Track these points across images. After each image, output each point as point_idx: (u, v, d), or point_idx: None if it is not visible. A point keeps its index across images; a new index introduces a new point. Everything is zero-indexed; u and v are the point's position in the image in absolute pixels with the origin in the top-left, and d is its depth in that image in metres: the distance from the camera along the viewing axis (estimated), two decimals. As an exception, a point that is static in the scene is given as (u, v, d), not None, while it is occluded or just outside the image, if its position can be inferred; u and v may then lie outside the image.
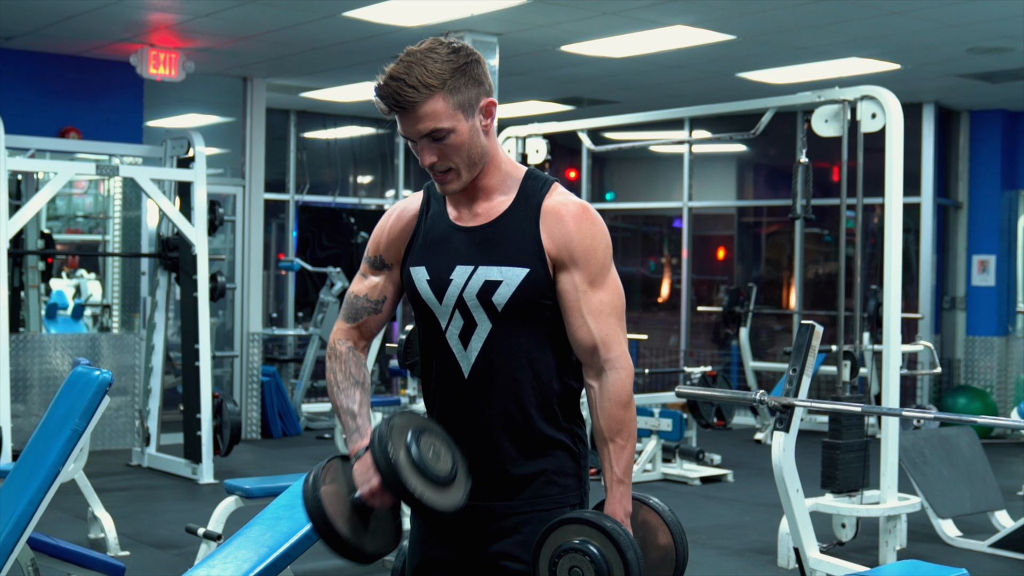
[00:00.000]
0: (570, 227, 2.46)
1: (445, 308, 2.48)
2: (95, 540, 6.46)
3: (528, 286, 2.44)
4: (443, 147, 2.41)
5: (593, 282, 2.46)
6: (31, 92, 9.58)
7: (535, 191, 2.50)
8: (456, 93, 2.39)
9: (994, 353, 11.74)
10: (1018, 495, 8.22)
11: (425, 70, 2.36)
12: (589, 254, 2.46)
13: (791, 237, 12.51)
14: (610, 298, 2.48)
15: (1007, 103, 11.46)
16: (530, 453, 2.48)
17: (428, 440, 2.38)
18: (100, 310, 10.94)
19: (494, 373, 2.46)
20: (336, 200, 12.90)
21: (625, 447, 2.46)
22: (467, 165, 2.45)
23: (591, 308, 2.45)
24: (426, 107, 2.37)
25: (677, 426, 8.48)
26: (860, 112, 6.31)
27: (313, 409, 11.44)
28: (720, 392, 6.67)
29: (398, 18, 8.25)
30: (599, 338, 2.45)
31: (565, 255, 2.45)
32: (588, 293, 2.45)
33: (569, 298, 2.45)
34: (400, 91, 2.36)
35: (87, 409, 4.31)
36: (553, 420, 2.49)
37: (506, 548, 2.47)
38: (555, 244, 2.45)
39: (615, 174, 14.27)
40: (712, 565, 6.35)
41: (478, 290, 2.45)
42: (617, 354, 2.46)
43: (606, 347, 2.46)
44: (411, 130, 2.41)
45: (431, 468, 2.35)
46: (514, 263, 2.45)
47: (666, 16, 8.11)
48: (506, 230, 2.48)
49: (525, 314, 2.46)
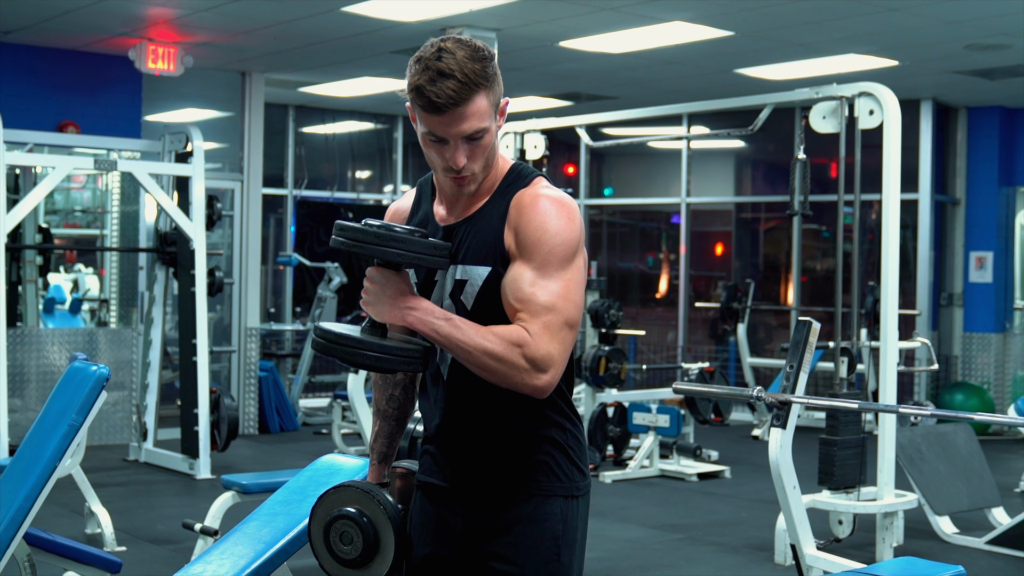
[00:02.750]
0: (523, 217, 2.33)
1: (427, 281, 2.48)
2: (92, 535, 6.46)
3: (491, 285, 2.36)
4: (475, 148, 2.34)
5: (538, 274, 2.29)
6: (29, 86, 9.58)
7: (512, 187, 2.41)
8: (492, 92, 2.34)
9: (991, 350, 11.75)
10: (1015, 492, 8.23)
11: (471, 68, 2.29)
12: (536, 245, 2.30)
13: (789, 233, 12.51)
14: (551, 299, 2.28)
15: (1005, 100, 11.47)
16: (513, 449, 2.44)
17: (339, 527, 2.52)
18: (98, 305, 10.94)
19: (468, 374, 2.38)
20: (334, 195, 12.90)
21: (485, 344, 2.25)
22: (485, 166, 2.38)
23: (520, 296, 2.29)
24: (473, 106, 2.29)
25: (674, 422, 8.49)
26: (858, 108, 6.31)
27: (310, 404, 11.44)
28: (717, 388, 6.65)
29: (396, 13, 8.25)
30: (527, 306, 2.28)
31: (514, 245, 2.33)
32: (526, 283, 2.28)
33: (505, 287, 2.32)
34: (453, 89, 2.27)
35: (84, 404, 4.31)
36: (537, 416, 2.43)
37: (496, 548, 2.45)
38: (511, 236, 2.35)
39: (613, 170, 14.27)
40: (709, 561, 6.36)
41: (450, 290, 2.42)
42: (541, 344, 2.25)
43: (531, 313, 2.27)
44: (453, 130, 2.30)
45: (337, 553, 2.53)
46: (477, 262, 2.38)
47: (664, 12, 8.11)
48: (475, 228, 2.41)
49: (495, 313, 2.35)
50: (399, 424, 2.65)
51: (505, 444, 2.44)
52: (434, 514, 2.52)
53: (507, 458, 2.45)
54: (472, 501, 2.47)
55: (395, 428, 2.64)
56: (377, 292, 2.33)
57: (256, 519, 3.83)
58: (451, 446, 2.48)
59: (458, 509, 2.48)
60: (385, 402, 2.64)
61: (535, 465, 2.44)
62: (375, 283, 2.33)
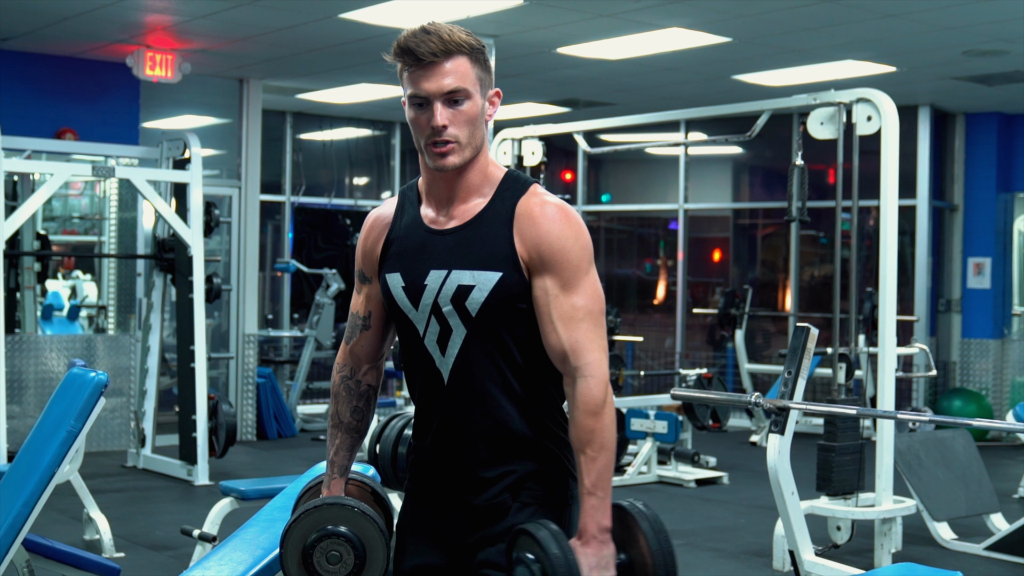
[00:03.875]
0: (541, 228, 2.39)
1: (421, 314, 2.45)
2: (90, 542, 6.46)
3: (501, 290, 2.38)
4: (457, 113, 2.37)
5: (566, 286, 2.38)
6: (27, 93, 9.58)
7: (512, 193, 2.44)
8: (477, 65, 2.40)
9: (989, 356, 11.75)
10: (1013, 497, 8.24)
11: (456, 33, 2.37)
12: (560, 256, 2.38)
13: (787, 239, 12.52)
14: (584, 302, 2.39)
15: (1003, 106, 11.48)
16: (510, 457, 2.44)
17: (324, 546, 2.49)
18: (96, 311, 10.93)
19: (472, 379, 2.41)
20: (332, 202, 12.90)
21: (596, 459, 2.35)
22: (469, 143, 2.40)
23: (561, 313, 2.37)
24: (455, 62, 2.36)
25: (673, 428, 8.48)
26: (856, 115, 6.31)
27: (308, 411, 11.43)
28: (715, 394, 6.67)
29: (394, 20, 8.26)
30: (568, 344, 2.37)
31: (536, 257, 2.38)
32: (560, 298, 2.38)
33: (540, 303, 2.39)
34: (435, 42, 2.34)
35: (83, 410, 4.31)
36: (534, 425, 2.45)
37: (490, 557, 2.44)
38: (526, 247, 2.39)
39: (611, 176, 14.28)
40: (707, 568, 6.35)
41: (452, 295, 2.40)
42: (588, 361, 2.37)
43: (576, 354, 2.36)
44: (434, 85, 2.35)
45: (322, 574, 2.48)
46: (486, 267, 2.39)
47: (662, 18, 8.12)
48: (478, 233, 2.42)
49: (500, 318, 2.40)
50: (360, 436, 2.66)
51: (503, 452, 2.44)
52: (426, 522, 2.52)
53: (504, 466, 2.44)
54: (467, 509, 2.46)
55: (356, 440, 2.65)
56: None
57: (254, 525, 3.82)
58: (447, 453, 2.47)
59: (452, 517, 2.48)
60: (350, 414, 2.64)
61: (531, 474, 2.45)
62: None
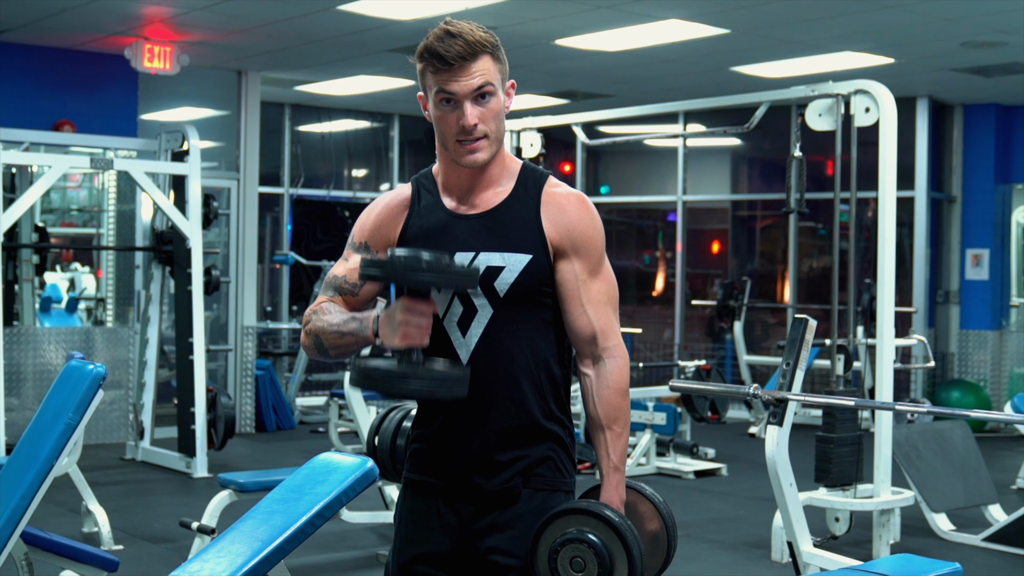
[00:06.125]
0: (572, 216, 2.51)
1: (444, 295, 2.48)
2: (89, 534, 6.46)
3: (530, 272, 2.46)
4: (485, 110, 2.46)
5: (592, 271, 2.52)
6: (25, 85, 9.57)
7: (533, 182, 2.55)
8: (497, 61, 2.49)
9: (988, 347, 11.76)
10: (1011, 489, 8.24)
11: (478, 33, 2.45)
12: (590, 243, 2.52)
13: (785, 231, 12.52)
14: (606, 288, 2.54)
15: (1001, 97, 11.47)
16: (524, 441, 2.49)
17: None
18: (94, 303, 10.94)
19: (495, 359, 2.47)
20: (331, 194, 12.90)
21: (621, 435, 2.51)
22: (495, 137, 2.50)
23: (590, 297, 2.51)
24: (482, 62, 2.44)
25: (671, 420, 8.49)
26: (854, 106, 6.31)
27: (307, 403, 11.44)
28: (714, 386, 6.69)
29: (392, 12, 8.25)
30: (598, 327, 2.51)
31: (567, 243, 2.50)
32: (588, 282, 2.51)
33: (569, 287, 2.50)
34: (461, 45, 2.41)
35: (81, 403, 4.30)
36: (548, 408, 2.51)
37: (499, 543, 2.48)
38: (557, 232, 2.49)
39: (609, 168, 14.27)
40: (706, 559, 6.36)
41: (480, 275, 2.45)
42: (615, 343, 2.52)
43: (604, 336, 2.51)
44: (463, 85, 2.42)
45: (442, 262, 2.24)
46: (517, 249, 2.47)
47: (660, 10, 8.11)
48: (507, 217, 2.51)
49: (526, 300, 2.48)
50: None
51: (518, 435, 2.49)
52: (427, 510, 2.53)
53: (517, 450, 2.49)
54: (476, 494, 2.49)
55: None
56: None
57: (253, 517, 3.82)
58: (460, 435, 2.49)
59: (458, 505, 2.50)
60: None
61: (540, 461, 2.51)
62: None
